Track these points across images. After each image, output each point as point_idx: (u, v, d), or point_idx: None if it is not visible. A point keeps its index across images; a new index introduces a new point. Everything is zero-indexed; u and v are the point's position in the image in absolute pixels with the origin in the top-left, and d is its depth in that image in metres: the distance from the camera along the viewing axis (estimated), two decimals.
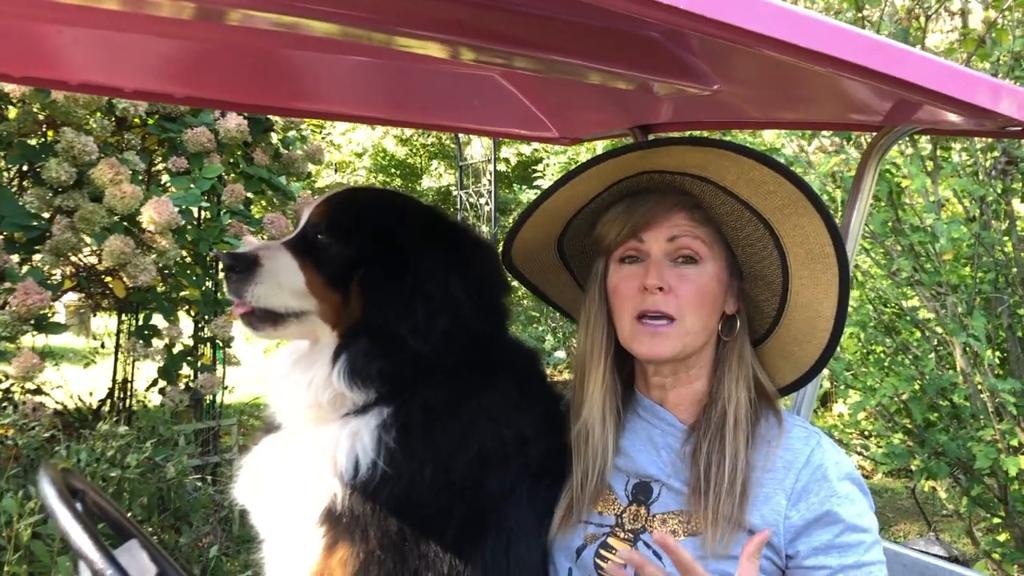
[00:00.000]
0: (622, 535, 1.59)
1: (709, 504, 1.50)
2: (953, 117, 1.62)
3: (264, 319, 1.67)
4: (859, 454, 4.90)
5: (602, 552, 1.59)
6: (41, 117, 5.33)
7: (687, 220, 1.60)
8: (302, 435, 1.67)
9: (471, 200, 9.66)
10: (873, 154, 1.88)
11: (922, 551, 3.25)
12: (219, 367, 6.54)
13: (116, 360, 6.73)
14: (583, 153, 7.80)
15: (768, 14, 1.19)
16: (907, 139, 4.04)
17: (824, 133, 4.54)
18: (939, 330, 4.44)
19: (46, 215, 5.31)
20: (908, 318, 4.73)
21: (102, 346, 7.21)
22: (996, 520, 4.63)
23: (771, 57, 1.24)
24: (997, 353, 4.77)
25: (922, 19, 3.90)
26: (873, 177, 1.91)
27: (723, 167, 1.55)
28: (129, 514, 4.59)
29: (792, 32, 1.22)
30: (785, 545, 1.49)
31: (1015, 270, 4.34)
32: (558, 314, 7.88)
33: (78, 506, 1.31)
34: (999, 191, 4.30)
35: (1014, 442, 4.02)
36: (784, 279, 1.64)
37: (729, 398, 1.60)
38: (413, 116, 3.07)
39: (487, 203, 9.36)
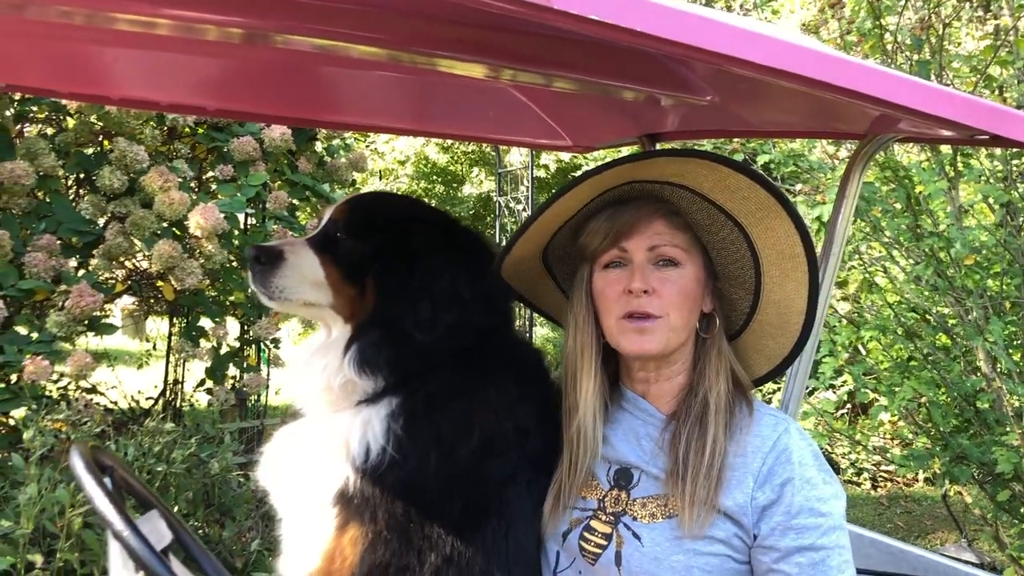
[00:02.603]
0: (604, 518, 1.69)
1: (686, 488, 1.60)
2: (927, 127, 1.71)
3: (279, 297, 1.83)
4: (883, 458, 4.90)
5: (585, 535, 1.69)
6: (97, 128, 5.59)
7: (666, 227, 1.70)
8: (318, 422, 1.81)
9: (510, 206, 9.80)
10: (858, 161, 1.97)
11: (952, 557, 3.29)
12: (263, 368, 6.75)
13: (167, 362, 6.99)
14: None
15: (742, 39, 1.30)
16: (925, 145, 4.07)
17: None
18: (963, 334, 4.44)
19: (101, 221, 5.55)
20: (935, 324, 4.73)
21: (154, 347, 7.48)
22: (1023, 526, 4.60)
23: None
24: None
25: (939, 27, 3.93)
26: (859, 182, 1.99)
27: (700, 175, 1.65)
28: (175, 508, 4.80)
29: (765, 55, 1.32)
30: (752, 525, 1.58)
31: None
32: None
33: (106, 480, 1.47)
34: None
35: None
36: (757, 279, 1.75)
37: (711, 388, 1.70)
38: (435, 127, 3.21)
39: (525, 209, 9.48)
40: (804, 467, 1.59)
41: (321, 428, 1.78)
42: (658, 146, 2.59)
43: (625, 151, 6.48)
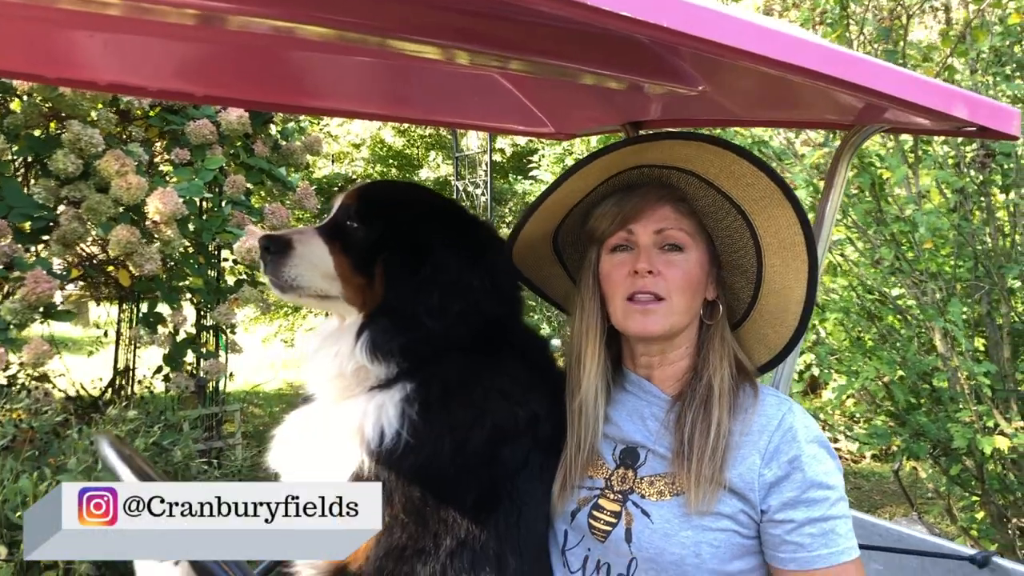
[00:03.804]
0: (612, 496, 1.74)
1: (692, 467, 1.65)
2: (915, 118, 1.78)
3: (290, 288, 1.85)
4: (844, 436, 5.08)
5: (594, 513, 1.74)
6: (45, 109, 5.43)
7: (673, 212, 1.75)
8: (332, 406, 1.82)
9: (468, 190, 9.80)
10: (845, 150, 2.03)
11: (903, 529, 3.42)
12: (222, 354, 6.68)
13: (117, 348, 6.87)
14: (577, 144, 7.92)
15: (744, 31, 1.33)
16: (888, 134, 4.19)
17: None
18: (920, 316, 4.61)
19: (51, 206, 5.42)
20: (891, 305, 4.90)
21: (105, 335, 7.34)
22: (974, 499, 4.81)
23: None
24: (980, 341, 4.95)
25: (904, 18, 4.05)
26: (846, 171, 2.06)
27: (707, 160, 1.70)
28: None
29: (765, 46, 1.36)
30: (760, 501, 1.64)
31: (993, 259, 4.51)
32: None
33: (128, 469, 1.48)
34: (978, 182, 4.46)
35: (990, 423, 4.19)
36: (758, 268, 1.80)
37: (715, 373, 1.75)
38: (414, 112, 3.20)
39: (483, 193, 9.50)
40: (809, 444, 1.66)
41: (334, 413, 1.79)
42: (641, 134, 2.62)
43: (595, 141, 6.54)
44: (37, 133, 5.52)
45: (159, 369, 6.21)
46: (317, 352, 1.85)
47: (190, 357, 6.34)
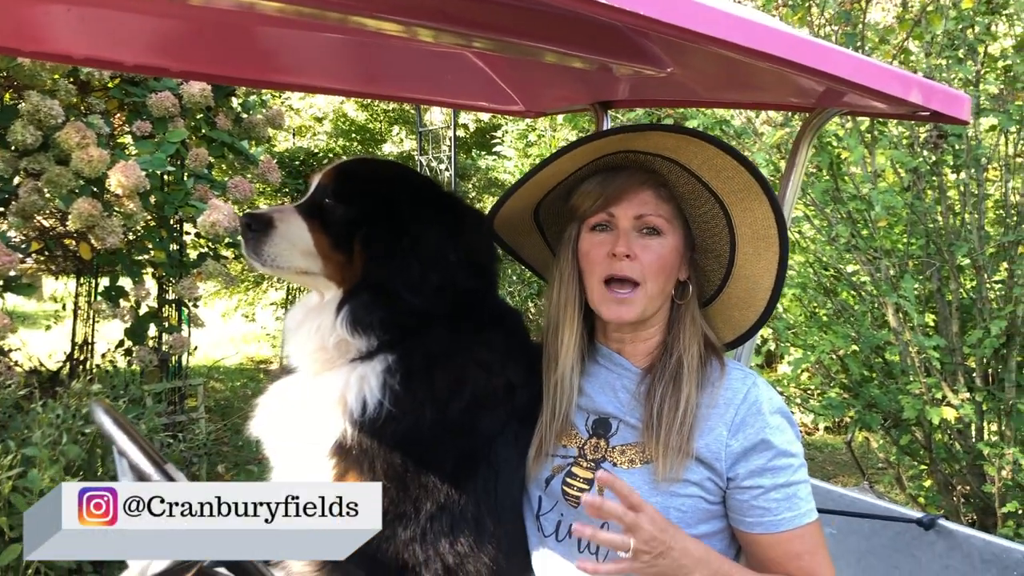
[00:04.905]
0: (585, 464, 1.82)
1: (661, 438, 1.73)
2: (873, 102, 1.86)
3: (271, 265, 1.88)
4: (799, 407, 5.24)
5: (568, 480, 1.82)
6: (1, 79, 5.33)
7: (653, 197, 1.81)
8: (314, 378, 1.87)
9: (431, 165, 9.81)
10: (807, 132, 2.11)
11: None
12: (184, 328, 6.64)
13: (75, 322, 6.79)
14: (540, 121, 7.97)
15: (713, 19, 1.40)
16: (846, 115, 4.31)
17: None
18: (873, 292, 4.76)
19: (7, 176, 5.33)
20: (846, 281, 5.05)
21: (63, 308, 7.26)
22: (922, 467, 5.01)
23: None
24: (931, 316, 5.13)
25: (863, 2, 4.15)
26: (807, 153, 2.14)
27: (690, 152, 1.77)
28: (100, 470, 4.74)
29: (733, 33, 1.43)
30: (726, 469, 1.73)
31: (944, 236, 4.67)
32: (515, 278, 8.09)
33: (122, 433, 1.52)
34: (930, 163, 4.61)
35: (939, 395, 4.37)
36: (731, 253, 1.88)
37: (685, 351, 1.83)
38: (384, 89, 3.22)
39: (447, 168, 9.52)
40: (773, 415, 1.76)
41: (317, 384, 1.85)
42: (610, 113, 2.69)
43: (561, 117, 6.60)
44: None
45: (121, 343, 6.16)
46: (300, 326, 1.90)
47: (152, 331, 6.30)
